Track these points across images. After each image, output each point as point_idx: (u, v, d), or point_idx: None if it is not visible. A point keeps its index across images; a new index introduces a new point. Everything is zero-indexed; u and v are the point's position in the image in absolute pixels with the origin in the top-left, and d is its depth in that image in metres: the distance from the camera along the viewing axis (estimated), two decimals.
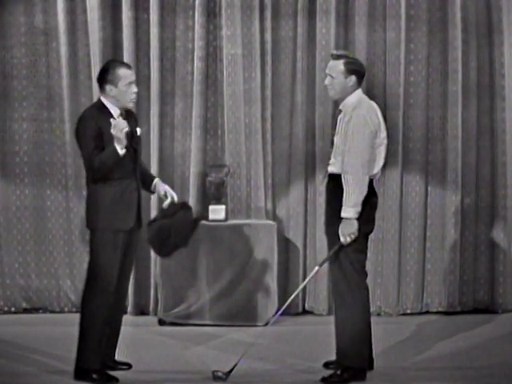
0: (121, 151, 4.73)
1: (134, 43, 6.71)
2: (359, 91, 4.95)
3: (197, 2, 6.72)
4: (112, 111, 4.87)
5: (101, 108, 4.88)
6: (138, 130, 5.02)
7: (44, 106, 6.82)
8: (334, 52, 5.09)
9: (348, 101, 4.91)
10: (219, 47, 6.79)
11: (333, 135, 4.99)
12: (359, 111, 4.84)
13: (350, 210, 4.77)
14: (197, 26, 6.72)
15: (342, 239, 4.81)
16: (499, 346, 5.73)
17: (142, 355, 5.45)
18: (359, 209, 4.78)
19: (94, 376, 4.83)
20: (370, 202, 4.87)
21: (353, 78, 4.90)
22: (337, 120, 4.96)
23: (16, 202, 6.86)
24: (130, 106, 4.95)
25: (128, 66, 5.02)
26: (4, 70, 6.83)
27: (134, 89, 4.93)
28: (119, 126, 4.71)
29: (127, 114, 4.96)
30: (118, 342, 5.07)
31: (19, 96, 6.83)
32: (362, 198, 4.78)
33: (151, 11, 6.71)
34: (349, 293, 4.85)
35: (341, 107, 4.95)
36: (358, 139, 4.77)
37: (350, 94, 4.91)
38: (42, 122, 6.82)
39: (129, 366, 5.09)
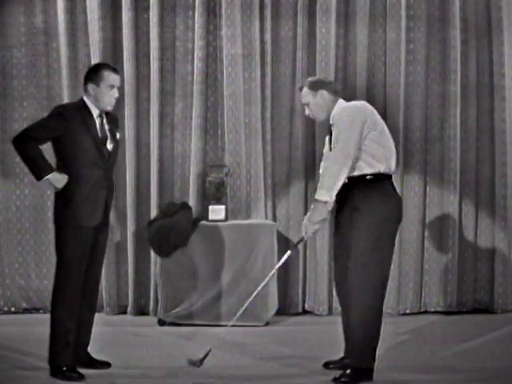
0: (37, 179, 4.85)
1: (133, 43, 6.72)
2: (340, 101, 4.91)
3: (197, 2, 6.73)
4: (92, 111, 4.92)
5: (81, 107, 4.92)
6: (118, 134, 5.05)
7: (44, 106, 6.83)
8: (299, 85, 5.13)
9: (334, 113, 4.85)
10: (219, 47, 6.79)
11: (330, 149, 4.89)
12: (344, 113, 4.75)
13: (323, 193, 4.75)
14: (197, 26, 6.73)
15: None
16: (499, 346, 5.72)
17: (142, 355, 5.45)
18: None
19: (67, 373, 4.87)
20: (395, 200, 4.85)
21: (323, 93, 4.88)
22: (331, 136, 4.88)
23: (16, 201, 6.88)
24: (108, 109, 4.95)
25: (115, 71, 4.99)
26: (4, 70, 6.85)
27: (115, 93, 4.93)
28: (60, 181, 4.81)
29: (109, 117, 5.00)
30: (91, 340, 5.05)
31: (19, 96, 6.85)
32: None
33: (151, 11, 6.72)
34: (369, 292, 4.73)
35: (331, 122, 4.87)
36: (347, 134, 4.66)
37: (333, 108, 4.87)
38: None
39: (108, 364, 5.08)
